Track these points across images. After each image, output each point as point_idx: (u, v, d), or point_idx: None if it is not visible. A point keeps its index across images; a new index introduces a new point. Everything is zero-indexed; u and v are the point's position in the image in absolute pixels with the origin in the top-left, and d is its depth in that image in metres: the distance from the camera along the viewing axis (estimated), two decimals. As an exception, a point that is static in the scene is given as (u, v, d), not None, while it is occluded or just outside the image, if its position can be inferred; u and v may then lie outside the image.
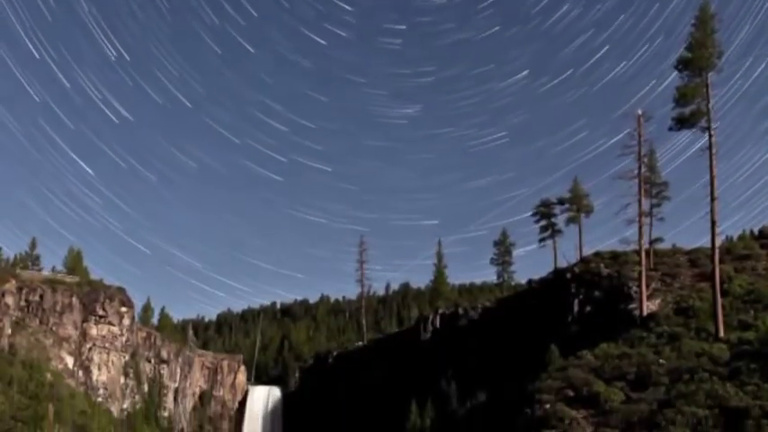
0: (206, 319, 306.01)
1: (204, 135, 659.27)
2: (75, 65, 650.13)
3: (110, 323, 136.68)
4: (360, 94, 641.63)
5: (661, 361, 75.91)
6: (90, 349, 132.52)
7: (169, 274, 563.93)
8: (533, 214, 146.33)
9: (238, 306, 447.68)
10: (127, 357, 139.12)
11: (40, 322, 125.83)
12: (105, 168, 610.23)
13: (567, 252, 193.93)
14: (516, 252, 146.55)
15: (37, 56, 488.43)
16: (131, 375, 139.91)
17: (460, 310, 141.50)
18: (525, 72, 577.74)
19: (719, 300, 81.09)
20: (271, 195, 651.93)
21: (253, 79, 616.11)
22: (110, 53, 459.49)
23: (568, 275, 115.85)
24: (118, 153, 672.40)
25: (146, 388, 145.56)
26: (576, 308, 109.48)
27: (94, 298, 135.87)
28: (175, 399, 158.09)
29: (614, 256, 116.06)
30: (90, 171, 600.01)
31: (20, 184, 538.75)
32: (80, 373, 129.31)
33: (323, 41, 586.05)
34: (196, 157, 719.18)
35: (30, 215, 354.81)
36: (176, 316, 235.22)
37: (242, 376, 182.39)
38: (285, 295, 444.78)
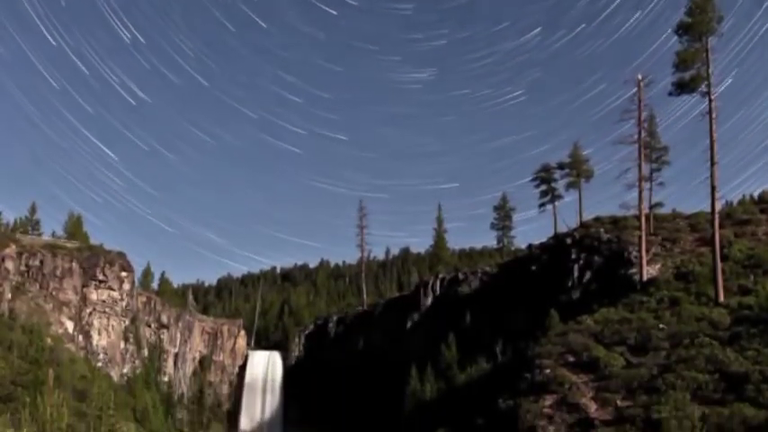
0: (206, 284, 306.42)
1: (221, 112, 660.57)
2: (91, 50, 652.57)
3: (110, 288, 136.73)
4: (374, 62, 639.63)
5: (661, 326, 76.02)
6: (90, 314, 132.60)
7: (177, 242, 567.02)
8: (533, 179, 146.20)
9: (238, 271, 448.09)
10: (127, 322, 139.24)
11: (40, 287, 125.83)
12: (127, 151, 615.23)
13: (567, 217, 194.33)
14: (530, 214, 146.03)
15: (53, 43, 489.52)
16: (131, 340, 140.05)
17: (460, 275, 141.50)
18: (538, 29, 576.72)
19: (719, 264, 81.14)
20: (290, 168, 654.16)
21: (266, 54, 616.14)
22: (124, 36, 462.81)
23: (568, 240, 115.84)
24: (138, 135, 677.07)
25: (146, 353, 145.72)
26: (575, 273, 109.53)
27: (94, 263, 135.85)
28: (175, 363, 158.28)
29: (614, 221, 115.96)
30: (112, 155, 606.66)
31: (44, 171, 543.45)
32: (80, 337, 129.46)
33: (333, 11, 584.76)
34: (214, 133, 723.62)
35: (55, 202, 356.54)
36: (176, 281, 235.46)
37: (242, 341, 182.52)
38: (294, 260, 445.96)
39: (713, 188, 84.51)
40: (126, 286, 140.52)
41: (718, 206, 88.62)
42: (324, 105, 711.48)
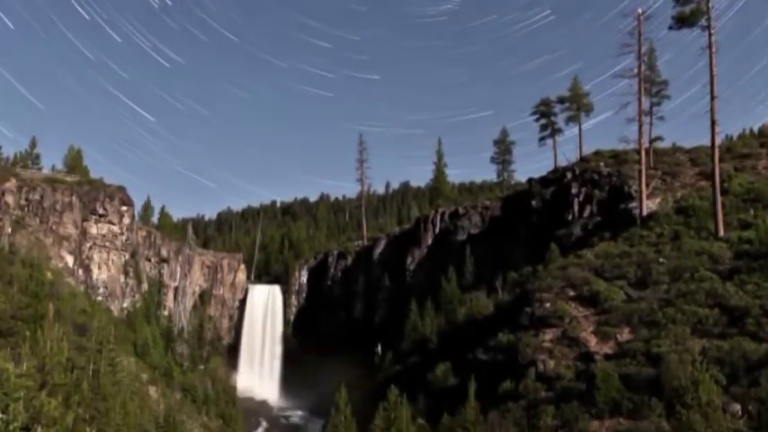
0: (206, 218, 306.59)
1: (252, 65, 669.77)
2: (122, 19, 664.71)
3: (110, 222, 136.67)
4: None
5: (661, 260, 75.95)
6: (90, 248, 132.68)
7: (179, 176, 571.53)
8: (533, 113, 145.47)
9: (238, 205, 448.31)
10: (127, 256, 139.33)
11: (40, 221, 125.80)
12: (163, 112, 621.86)
13: (567, 151, 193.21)
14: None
15: (87, 17, 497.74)
16: (131, 274, 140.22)
17: (461, 210, 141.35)
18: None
19: (719, 199, 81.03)
20: (324, 112, 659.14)
21: (290, 2, 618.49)
22: (153, 2, 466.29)
23: (569, 175, 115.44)
24: (173, 96, 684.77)
25: (146, 287, 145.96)
26: (575, 207, 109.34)
27: (94, 197, 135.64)
28: (175, 297, 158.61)
29: (614, 156, 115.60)
30: (150, 117, 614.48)
31: (88, 141, 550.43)
32: (80, 271, 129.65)
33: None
34: (247, 87, 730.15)
35: (98, 167, 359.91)
36: (176, 215, 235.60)
37: (242, 275, 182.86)
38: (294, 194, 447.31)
39: (713, 122, 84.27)
40: (126, 220, 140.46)
41: (718, 140, 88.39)
42: (352, 47, 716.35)
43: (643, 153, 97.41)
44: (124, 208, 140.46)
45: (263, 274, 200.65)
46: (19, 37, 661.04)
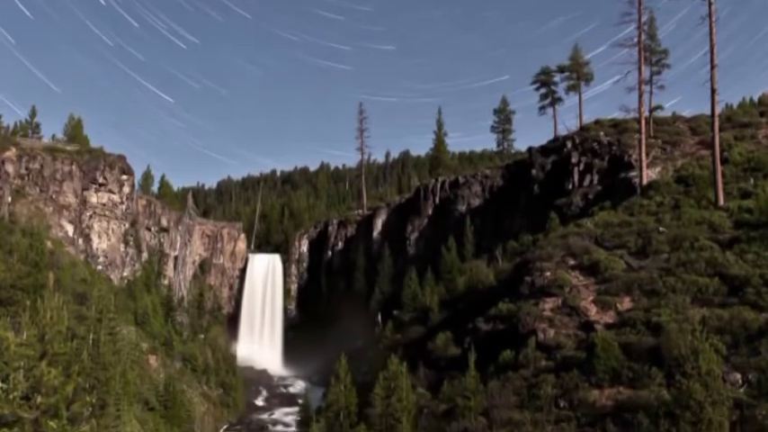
0: (206, 187, 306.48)
1: (267, 42, 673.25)
2: (138, 4, 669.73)
3: (110, 191, 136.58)
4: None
5: (661, 229, 75.90)
6: (90, 217, 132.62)
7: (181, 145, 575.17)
8: (533, 82, 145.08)
9: (238, 174, 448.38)
10: (127, 225, 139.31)
11: (41, 190, 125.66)
12: (181, 93, 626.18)
13: (567, 120, 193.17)
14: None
15: (103, 2, 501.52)
16: (131, 243, 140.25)
17: (461, 179, 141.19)
18: None
19: (719, 168, 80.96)
20: (340, 85, 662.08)
21: None
22: None
23: (569, 144, 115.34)
24: (190, 75, 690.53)
25: (146, 256, 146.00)
26: (576, 176, 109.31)
27: (94, 166, 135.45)
28: (175, 267, 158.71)
29: (614, 125, 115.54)
30: (169, 98, 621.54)
31: (110, 125, 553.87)
32: (80, 241, 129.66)
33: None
34: (262, 63, 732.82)
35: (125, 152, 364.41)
36: (176, 184, 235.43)
37: (242, 244, 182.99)
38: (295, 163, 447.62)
39: (713, 91, 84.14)
40: (126, 189, 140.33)
41: (718, 109, 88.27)
42: (366, 19, 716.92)
43: (643, 122, 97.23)
44: (124, 177, 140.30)
45: (263, 244, 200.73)
46: (38, 26, 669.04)
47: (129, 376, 76.06)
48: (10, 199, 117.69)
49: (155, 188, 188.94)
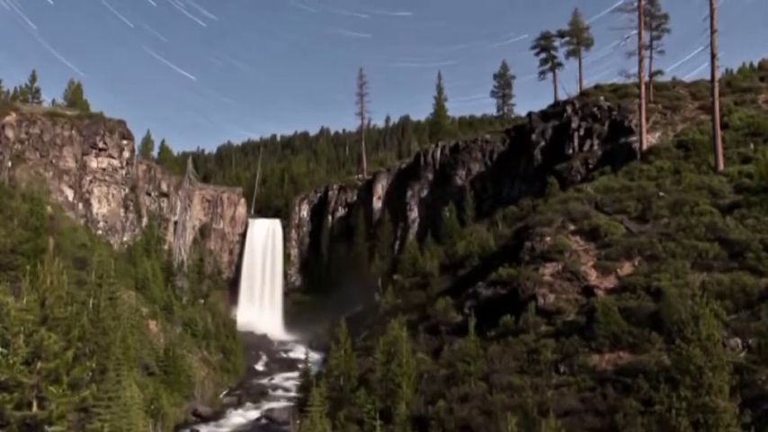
0: (206, 152, 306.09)
1: (284, 15, 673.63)
2: None
3: (110, 156, 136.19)
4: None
5: (661, 194, 75.94)
6: (90, 182, 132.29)
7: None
8: (533, 47, 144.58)
9: (238, 138, 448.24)
10: (127, 190, 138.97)
11: (41, 155, 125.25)
12: (203, 70, 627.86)
13: (567, 85, 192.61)
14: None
15: None
16: (131, 208, 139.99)
17: (460, 144, 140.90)
18: None
19: (719, 133, 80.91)
20: (359, 53, 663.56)
21: None
22: None
23: (569, 109, 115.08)
24: (211, 53, 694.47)
25: (146, 221, 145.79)
26: (576, 141, 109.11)
27: (94, 131, 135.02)
28: (175, 231, 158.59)
29: (614, 90, 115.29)
30: (191, 76, 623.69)
31: (136, 108, 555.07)
32: (80, 206, 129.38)
33: None
34: (281, 37, 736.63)
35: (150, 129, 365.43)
36: (176, 149, 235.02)
37: (242, 209, 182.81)
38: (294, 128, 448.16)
39: (713, 56, 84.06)
40: (126, 154, 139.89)
41: (718, 74, 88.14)
42: None
43: (643, 87, 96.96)
44: (124, 142, 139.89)
45: (263, 209, 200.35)
46: (59, 12, 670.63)
47: (129, 341, 76.11)
48: (10, 164, 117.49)
49: (155, 153, 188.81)
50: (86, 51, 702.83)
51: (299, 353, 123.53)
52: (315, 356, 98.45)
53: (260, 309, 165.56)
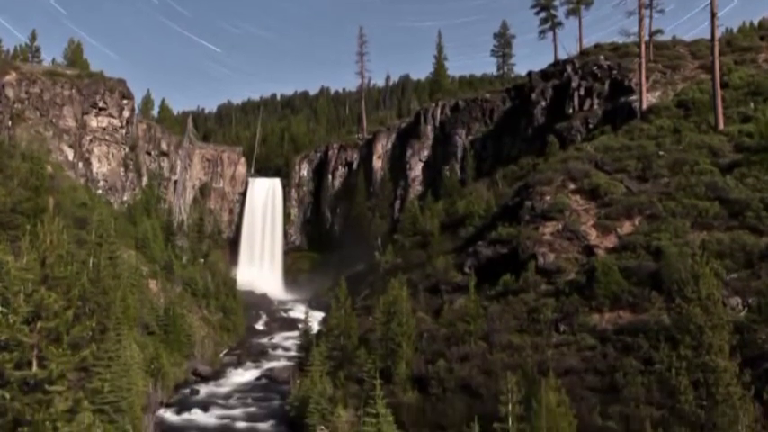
0: (206, 111, 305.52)
1: None
2: None
3: (110, 115, 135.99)
4: None
5: (661, 153, 75.80)
6: (90, 141, 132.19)
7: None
8: (533, 6, 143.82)
9: (238, 98, 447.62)
10: (127, 150, 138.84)
11: (41, 115, 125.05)
12: (226, 41, 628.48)
13: (567, 44, 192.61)
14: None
15: None
16: (131, 167, 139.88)
17: (461, 103, 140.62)
18: None
19: (719, 92, 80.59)
20: (367, 16, 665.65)
21: None
22: None
23: (569, 68, 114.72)
24: (232, 23, 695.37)
25: (146, 180, 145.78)
26: (576, 100, 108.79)
27: (94, 90, 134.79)
28: (175, 191, 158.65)
29: (615, 49, 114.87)
30: (216, 48, 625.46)
31: (137, 68, 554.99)
32: (80, 165, 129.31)
33: None
34: (304, 2, 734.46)
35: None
36: (176, 108, 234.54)
37: (242, 168, 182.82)
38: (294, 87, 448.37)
39: (713, 15, 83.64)
40: (126, 114, 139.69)
41: (718, 33, 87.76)
42: None
43: (643, 46, 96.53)
44: (124, 101, 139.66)
45: (263, 168, 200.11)
46: None
47: (129, 300, 76.21)
48: (10, 123, 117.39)
49: (155, 112, 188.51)
50: (111, 30, 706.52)
51: (298, 312, 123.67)
52: (315, 316, 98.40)
53: (260, 268, 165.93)
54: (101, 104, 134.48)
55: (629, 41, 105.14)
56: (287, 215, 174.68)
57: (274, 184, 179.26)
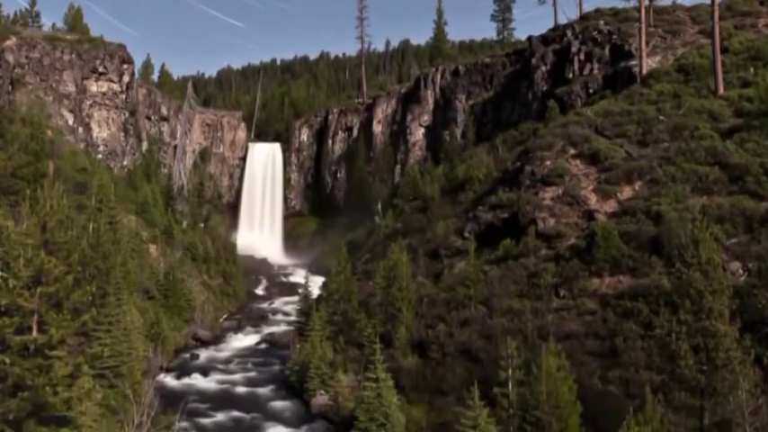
0: (206, 76, 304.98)
1: None
2: None
3: (110, 80, 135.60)
4: None
5: (661, 118, 75.66)
6: (90, 106, 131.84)
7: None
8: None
9: (238, 62, 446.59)
10: (127, 114, 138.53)
11: (41, 79, 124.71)
12: (248, 16, 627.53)
13: (567, 10, 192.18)
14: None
15: None
16: (131, 132, 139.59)
17: (460, 68, 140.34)
18: None
19: (719, 57, 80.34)
20: None
21: None
22: None
23: (569, 33, 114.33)
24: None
25: (146, 145, 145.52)
26: (576, 65, 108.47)
27: (94, 55, 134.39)
28: (175, 156, 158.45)
29: (615, 14, 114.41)
30: (239, 24, 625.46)
31: (161, 48, 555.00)
32: (80, 130, 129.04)
33: None
34: None
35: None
36: (176, 72, 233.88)
37: (242, 133, 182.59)
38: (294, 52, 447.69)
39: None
40: (126, 78, 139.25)
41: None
42: None
43: (643, 11, 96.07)
44: (124, 66, 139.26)
45: (263, 133, 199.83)
46: None
47: (129, 265, 76.29)
48: (10, 88, 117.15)
49: (155, 77, 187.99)
50: (134, 8, 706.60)
51: (298, 277, 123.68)
52: (315, 280, 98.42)
53: (260, 233, 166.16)
54: (101, 69, 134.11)
55: (629, 6, 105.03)
56: (287, 180, 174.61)
57: (274, 149, 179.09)
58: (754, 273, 48.57)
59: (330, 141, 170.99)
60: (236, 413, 63.24)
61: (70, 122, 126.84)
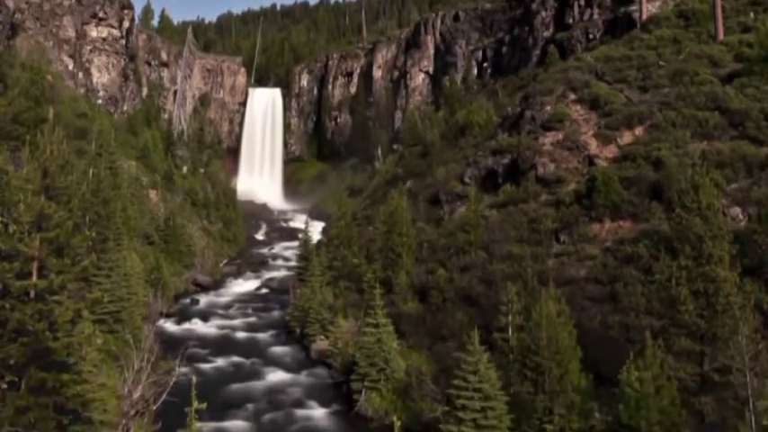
0: (206, 21, 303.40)
1: None
2: None
3: (110, 25, 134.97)
4: None
5: (661, 63, 75.42)
6: (90, 51, 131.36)
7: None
8: None
9: (238, 8, 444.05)
10: (127, 60, 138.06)
11: (41, 25, 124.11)
12: None
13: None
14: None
15: None
16: (131, 78, 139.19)
17: (461, 13, 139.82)
18: None
19: (719, 1, 79.87)
20: None
21: None
22: None
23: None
24: None
25: (146, 91, 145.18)
26: (576, 10, 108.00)
27: (94, 0, 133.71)
28: (175, 101, 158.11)
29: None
30: None
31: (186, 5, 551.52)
32: (80, 75, 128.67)
33: None
34: None
35: None
36: (176, 18, 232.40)
37: (242, 78, 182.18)
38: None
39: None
40: (126, 24, 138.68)
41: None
42: None
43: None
44: (124, 11, 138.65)
45: (263, 78, 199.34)
46: None
47: (129, 211, 76.42)
48: (10, 33, 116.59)
49: (155, 23, 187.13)
50: None
51: (298, 222, 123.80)
52: (315, 226, 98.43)
53: (260, 178, 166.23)
54: (101, 14, 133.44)
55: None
56: (287, 125, 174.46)
57: (274, 94, 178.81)
58: (754, 218, 48.57)
59: (330, 86, 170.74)
60: (235, 358, 63.45)
61: (70, 68, 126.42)
